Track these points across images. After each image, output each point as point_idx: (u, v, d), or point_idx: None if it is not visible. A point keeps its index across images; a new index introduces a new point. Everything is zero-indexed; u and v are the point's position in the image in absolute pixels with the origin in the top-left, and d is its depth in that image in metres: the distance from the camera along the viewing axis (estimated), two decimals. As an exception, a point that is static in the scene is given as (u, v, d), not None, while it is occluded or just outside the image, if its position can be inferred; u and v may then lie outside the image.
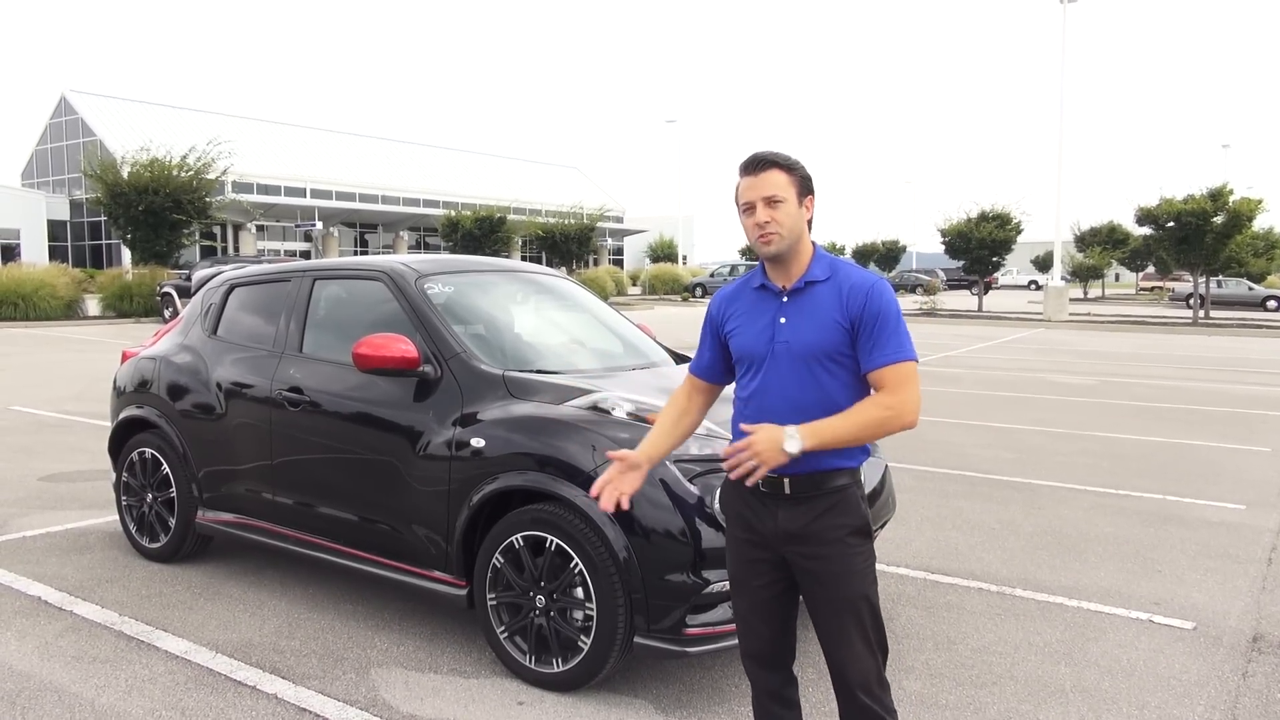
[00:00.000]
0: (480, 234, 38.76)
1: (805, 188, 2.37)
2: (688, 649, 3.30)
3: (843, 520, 2.35)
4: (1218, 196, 28.41)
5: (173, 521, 4.89)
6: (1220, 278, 38.04)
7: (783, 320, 2.38)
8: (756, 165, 2.37)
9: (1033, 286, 65.18)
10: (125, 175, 26.30)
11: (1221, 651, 3.98)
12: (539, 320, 4.88)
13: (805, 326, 2.35)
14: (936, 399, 11.17)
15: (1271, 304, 39.53)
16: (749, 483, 2.32)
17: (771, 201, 2.34)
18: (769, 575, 2.44)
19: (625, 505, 2.54)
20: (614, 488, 2.53)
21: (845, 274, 2.38)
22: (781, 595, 2.47)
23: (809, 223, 2.40)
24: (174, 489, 4.88)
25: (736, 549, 2.49)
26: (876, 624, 2.38)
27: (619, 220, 69.57)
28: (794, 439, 2.23)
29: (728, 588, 3.30)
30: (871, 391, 2.34)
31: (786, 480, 2.35)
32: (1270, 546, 5.51)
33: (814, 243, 2.44)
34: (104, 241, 48.33)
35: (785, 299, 2.40)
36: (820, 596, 2.37)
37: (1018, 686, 3.62)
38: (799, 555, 2.37)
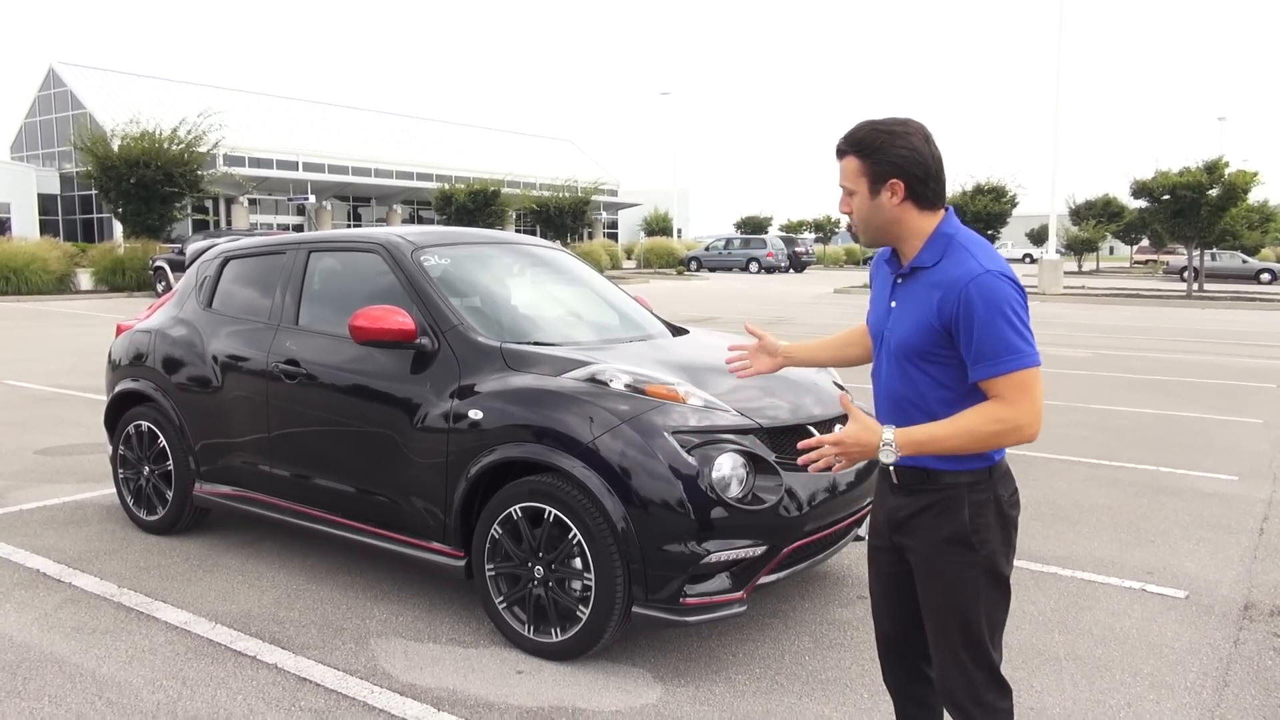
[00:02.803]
0: (474, 207, 38.61)
1: (883, 173, 2.11)
2: (686, 618, 3.32)
3: (938, 522, 2.15)
4: (1213, 169, 28.40)
5: (170, 494, 4.90)
6: (1214, 251, 38.11)
7: (893, 305, 2.21)
8: (837, 150, 2.18)
9: (1027, 260, 65.19)
10: (115, 148, 26.08)
11: (1213, 620, 4.02)
12: (536, 292, 4.87)
13: (904, 320, 2.16)
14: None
15: (1265, 277, 39.63)
16: (835, 470, 2.17)
17: (847, 192, 2.19)
18: (887, 564, 2.33)
19: (744, 375, 2.69)
20: (746, 359, 2.65)
21: (950, 262, 2.09)
22: (901, 588, 2.32)
23: (914, 198, 2.12)
24: (171, 462, 4.88)
25: (869, 531, 2.40)
26: (968, 639, 2.17)
27: (613, 194, 69.26)
28: (890, 449, 2.06)
29: (725, 558, 3.34)
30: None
31: (893, 470, 2.22)
32: (1262, 517, 5.55)
33: (947, 210, 2.18)
34: (95, 215, 47.98)
35: (898, 281, 2.21)
36: (918, 593, 2.26)
37: (1011, 654, 3.65)
38: (903, 546, 2.25)
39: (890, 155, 2.11)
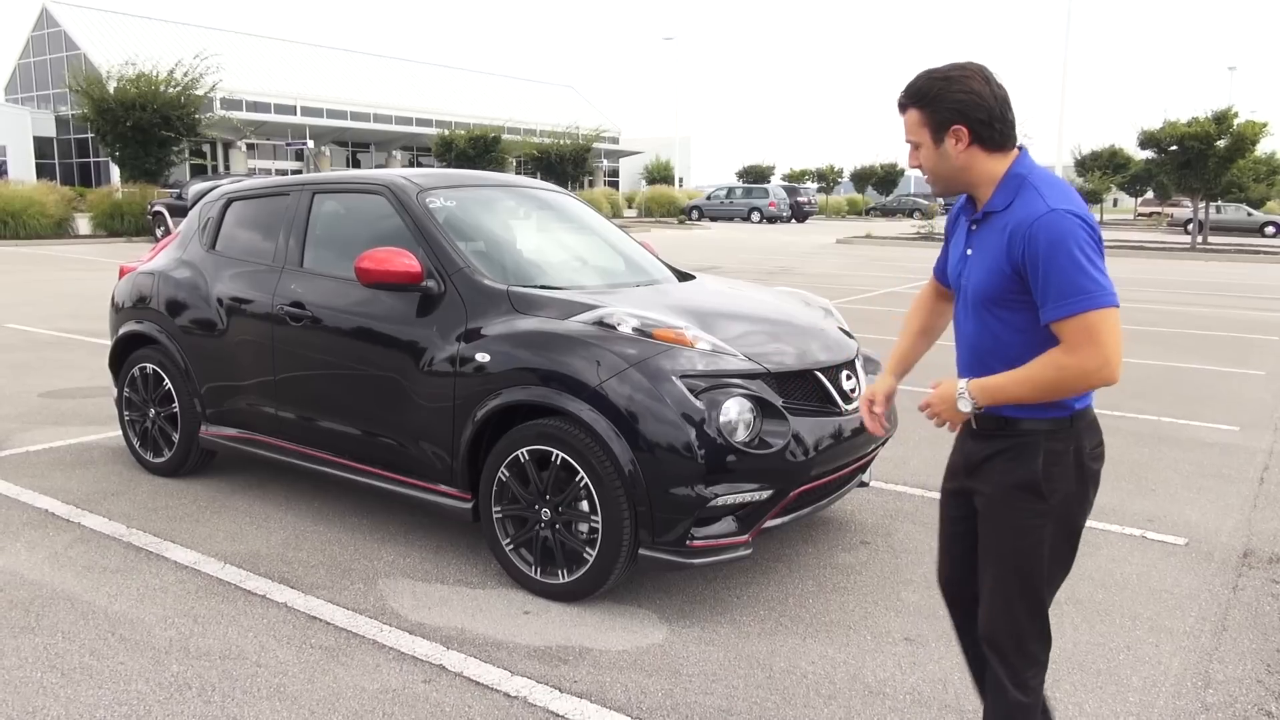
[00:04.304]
0: (474, 154, 38.30)
1: (945, 120, 2.06)
2: (691, 561, 3.35)
3: (1010, 467, 2.12)
4: (1222, 119, 28.09)
5: (176, 436, 4.92)
6: (1219, 203, 37.84)
7: (969, 252, 2.16)
8: (898, 105, 2.14)
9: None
10: (111, 90, 25.73)
11: (1213, 566, 4.06)
12: (542, 236, 4.84)
13: (978, 266, 2.11)
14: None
15: (1270, 230, 39.40)
16: (950, 429, 2.20)
17: (913, 146, 2.15)
18: (956, 508, 2.32)
19: (880, 434, 2.44)
20: (873, 413, 2.41)
21: (1019, 203, 2.03)
22: (965, 532, 2.30)
23: (980, 141, 2.07)
24: (176, 404, 4.88)
25: (944, 473, 2.38)
26: (1025, 588, 2.14)
27: (615, 141, 68.61)
28: (964, 398, 2.08)
29: (732, 501, 3.36)
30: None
31: (973, 415, 2.18)
32: (1262, 466, 5.58)
33: (1021, 150, 2.11)
34: (92, 159, 47.55)
35: (973, 228, 2.16)
36: (979, 534, 2.23)
37: (1013, 599, 3.69)
38: (973, 490, 2.23)
39: (949, 101, 2.06)
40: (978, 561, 2.27)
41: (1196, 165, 28.32)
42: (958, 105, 2.05)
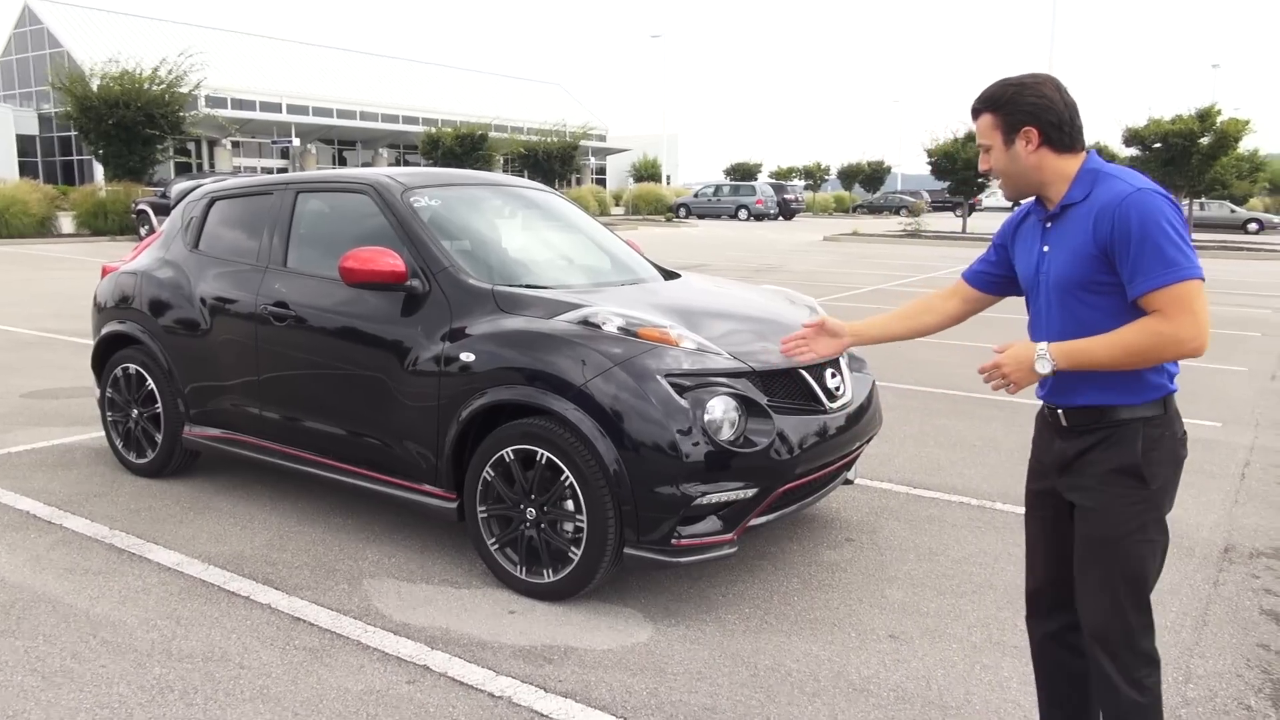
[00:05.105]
0: (461, 152, 38.23)
1: (1016, 121, 2.16)
2: (677, 560, 3.35)
3: (1109, 455, 2.14)
4: (1206, 117, 28.29)
5: (159, 437, 4.89)
6: (1203, 200, 38.09)
7: (1045, 249, 2.22)
8: (972, 110, 2.25)
9: (1016, 209, 64.97)
10: (95, 88, 25.54)
11: (1194, 562, 4.09)
12: (527, 235, 4.83)
13: (1059, 257, 2.16)
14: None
15: (1253, 226, 39.67)
16: (1010, 392, 2.22)
17: (984, 149, 2.25)
18: (1048, 508, 2.32)
19: (805, 360, 2.71)
20: (803, 342, 2.66)
21: (1100, 190, 2.11)
22: (1061, 533, 2.30)
23: (1050, 143, 2.16)
24: (159, 404, 4.86)
25: (1028, 475, 2.40)
26: (1130, 578, 2.15)
27: (602, 139, 68.54)
28: (1044, 359, 2.11)
29: (716, 500, 3.36)
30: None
31: (1061, 411, 2.23)
32: (1244, 462, 5.62)
33: (1089, 152, 2.20)
34: (75, 157, 47.19)
35: (1048, 225, 2.22)
36: (1077, 532, 2.23)
37: (997, 595, 3.71)
38: (1066, 487, 2.24)
39: (1022, 105, 2.16)
40: (1075, 561, 2.24)
41: (1180, 162, 28.52)
42: (1030, 108, 2.16)
